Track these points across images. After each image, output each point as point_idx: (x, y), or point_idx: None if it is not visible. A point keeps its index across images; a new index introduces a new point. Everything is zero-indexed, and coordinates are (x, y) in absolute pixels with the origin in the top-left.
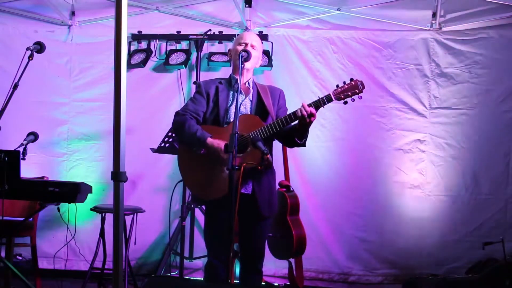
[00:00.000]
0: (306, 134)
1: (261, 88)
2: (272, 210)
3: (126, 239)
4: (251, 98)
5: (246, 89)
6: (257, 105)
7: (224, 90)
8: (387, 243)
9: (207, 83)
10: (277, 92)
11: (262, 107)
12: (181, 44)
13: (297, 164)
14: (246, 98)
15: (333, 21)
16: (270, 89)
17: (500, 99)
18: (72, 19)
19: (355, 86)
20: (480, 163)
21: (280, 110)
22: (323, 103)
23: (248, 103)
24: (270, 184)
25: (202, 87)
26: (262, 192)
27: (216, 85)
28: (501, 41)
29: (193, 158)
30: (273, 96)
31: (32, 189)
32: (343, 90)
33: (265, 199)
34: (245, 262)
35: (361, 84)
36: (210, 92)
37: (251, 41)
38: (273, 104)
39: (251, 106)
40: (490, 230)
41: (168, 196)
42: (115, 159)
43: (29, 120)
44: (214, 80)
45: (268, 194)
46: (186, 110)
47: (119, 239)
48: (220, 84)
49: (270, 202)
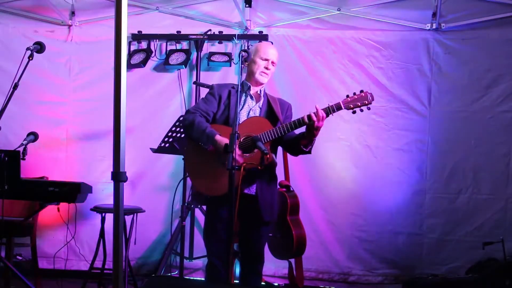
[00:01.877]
0: (313, 141)
1: (271, 99)
2: (273, 215)
3: (126, 239)
4: (260, 106)
5: (258, 96)
6: (266, 112)
7: (235, 95)
8: (387, 243)
9: (221, 86)
10: (286, 105)
11: (272, 114)
12: (181, 44)
13: (297, 164)
14: (256, 105)
15: (333, 21)
16: (280, 101)
17: (500, 99)
18: (72, 19)
19: (365, 97)
20: (480, 163)
21: (287, 120)
22: (332, 111)
23: (258, 109)
24: (272, 189)
25: (215, 90)
26: (265, 196)
27: (229, 90)
28: (501, 41)
29: (199, 154)
30: (282, 107)
31: (32, 189)
32: (353, 100)
33: (267, 203)
34: (245, 264)
35: (370, 96)
36: (222, 95)
37: (273, 58)
38: (282, 113)
39: (260, 113)
40: (490, 230)
41: (168, 196)
42: (115, 159)
43: (29, 120)
44: (227, 84)
45: (270, 198)
46: (197, 108)
47: (119, 239)
48: (233, 88)
49: (272, 206)
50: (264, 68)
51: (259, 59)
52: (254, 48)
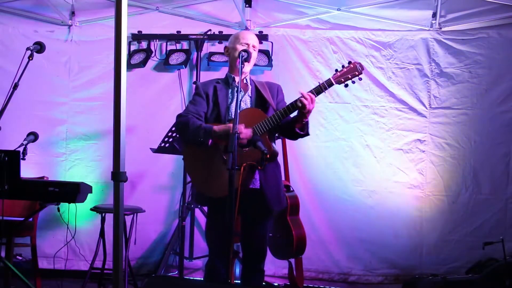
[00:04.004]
0: (307, 124)
1: (259, 84)
2: (282, 203)
3: (126, 239)
4: (250, 94)
5: (245, 86)
6: (257, 99)
7: (222, 89)
8: (387, 243)
9: (205, 84)
10: (275, 87)
11: (262, 100)
12: (181, 44)
13: (297, 164)
14: (245, 95)
15: (333, 21)
16: (268, 84)
17: (500, 99)
18: (72, 19)
19: (354, 68)
20: (480, 163)
21: (280, 104)
22: (324, 88)
23: (248, 99)
24: (277, 178)
25: (201, 89)
26: (270, 186)
27: (214, 85)
28: (501, 41)
29: (198, 156)
30: (272, 91)
31: (32, 189)
32: (343, 74)
33: (273, 193)
34: (247, 261)
35: (359, 66)
36: (208, 92)
37: (253, 42)
38: (272, 98)
39: (251, 102)
40: (490, 230)
41: (168, 196)
42: (115, 159)
43: (29, 120)
44: (211, 80)
45: (276, 188)
46: (187, 112)
47: (119, 239)
48: (217, 83)
49: (279, 195)
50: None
51: (237, 45)
52: (233, 37)
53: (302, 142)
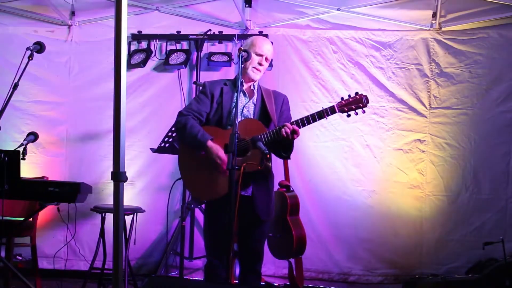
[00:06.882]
0: (291, 148)
1: (266, 92)
2: (270, 214)
3: (126, 239)
4: (254, 102)
5: (251, 91)
6: (260, 109)
7: (228, 92)
8: (387, 243)
9: (213, 83)
10: (281, 98)
11: (265, 112)
12: (181, 44)
13: (297, 164)
14: (249, 101)
15: (333, 21)
16: (275, 94)
17: (500, 99)
18: (72, 19)
19: (359, 100)
20: (480, 163)
21: (283, 115)
22: (326, 114)
23: (252, 106)
24: (269, 189)
25: (207, 88)
26: (261, 196)
27: (221, 87)
28: (501, 41)
29: (193, 158)
30: (277, 102)
31: (32, 189)
32: (348, 103)
33: (263, 202)
34: (244, 263)
35: (365, 99)
36: (215, 93)
37: (267, 55)
38: (276, 110)
39: (254, 110)
40: (490, 230)
41: (168, 196)
42: (115, 159)
43: (29, 120)
44: (219, 81)
45: (266, 198)
46: (189, 110)
47: (119, 239)
48: (225, 85)
49: (268, 206)
50: (258, 63)
51: (253, 54)
52: (250, 41)
53: (302, 142)
